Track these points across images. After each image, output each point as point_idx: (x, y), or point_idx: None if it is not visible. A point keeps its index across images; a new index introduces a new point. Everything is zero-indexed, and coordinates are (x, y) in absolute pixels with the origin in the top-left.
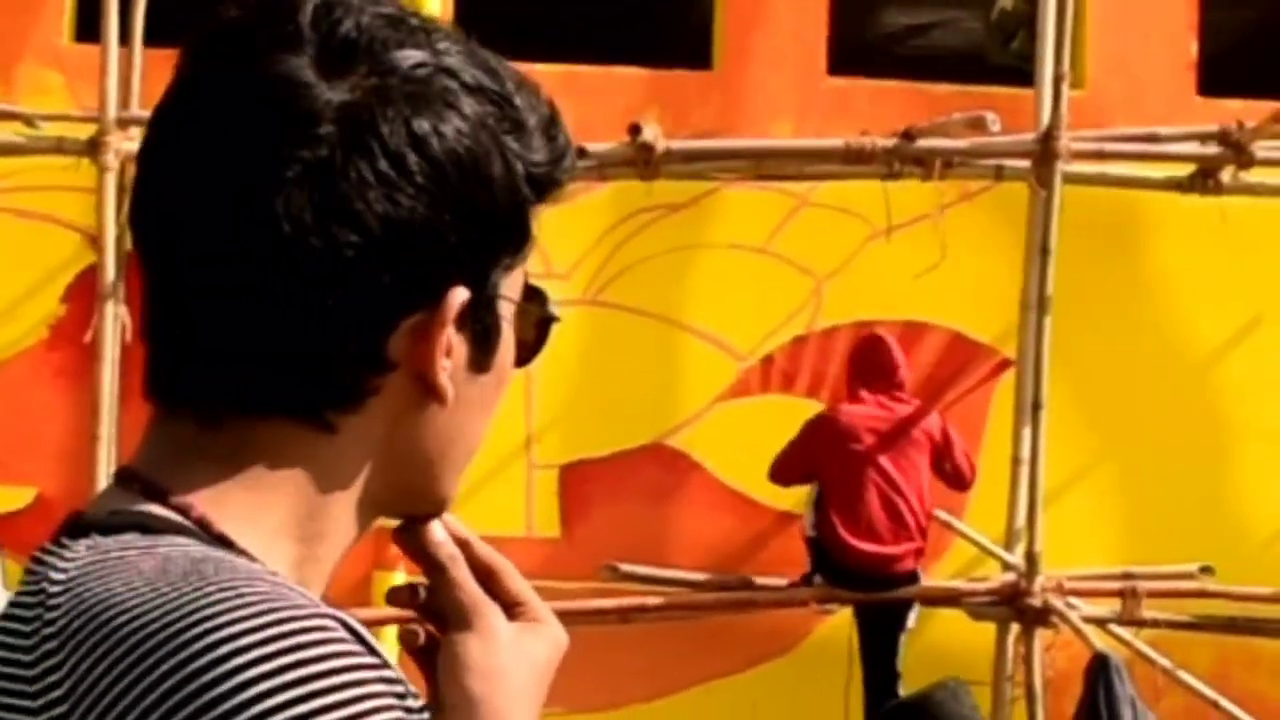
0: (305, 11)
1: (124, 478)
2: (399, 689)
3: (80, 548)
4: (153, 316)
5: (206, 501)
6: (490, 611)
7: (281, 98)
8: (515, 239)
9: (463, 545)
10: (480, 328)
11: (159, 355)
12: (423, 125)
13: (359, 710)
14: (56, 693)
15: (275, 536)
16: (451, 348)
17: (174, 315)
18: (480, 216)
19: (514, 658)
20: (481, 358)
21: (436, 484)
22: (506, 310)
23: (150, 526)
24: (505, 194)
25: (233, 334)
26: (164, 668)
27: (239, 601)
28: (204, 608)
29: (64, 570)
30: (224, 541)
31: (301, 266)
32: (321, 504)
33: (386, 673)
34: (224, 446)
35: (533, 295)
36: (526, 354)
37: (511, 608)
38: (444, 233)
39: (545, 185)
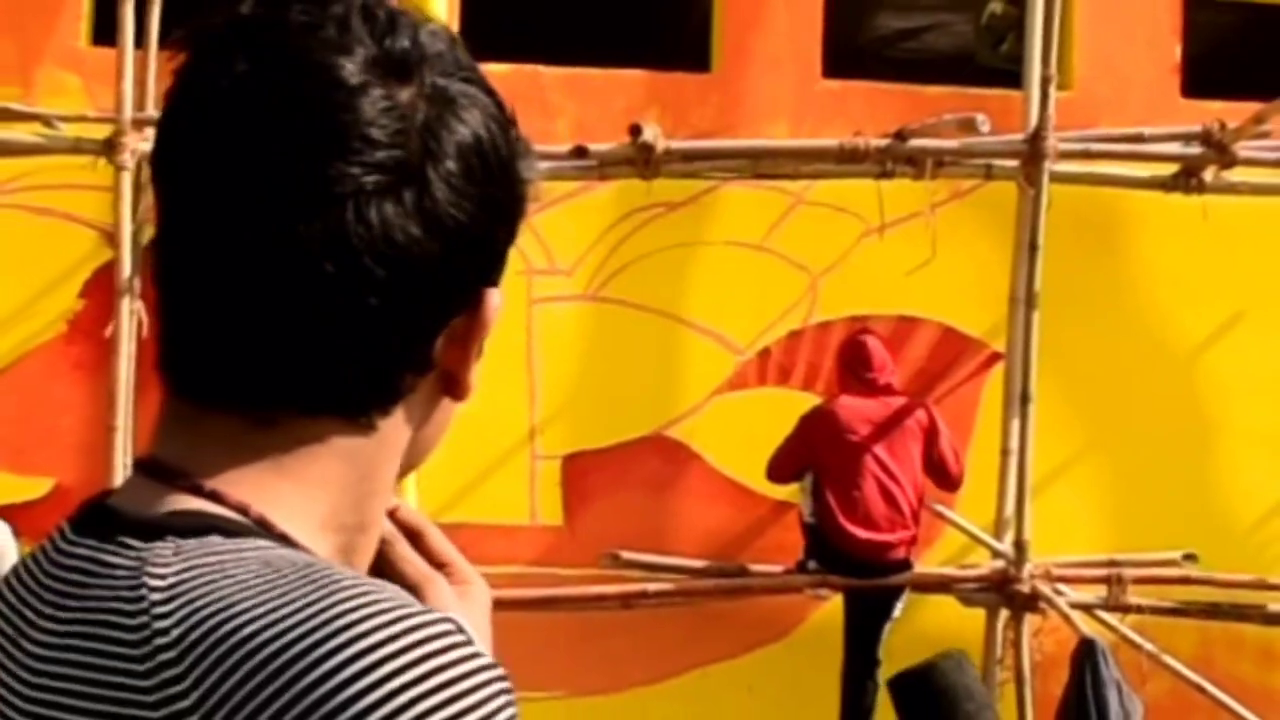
0: (355, 16)
1: (159, 473)
2: (508, 684)
3: (165, 551)
4: (193, 316)
5: (258, 499)
6: (439, 582)
7: (351, 104)
8: (514, 236)
9: (389, 513)
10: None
11: (198, 354)
12: (479, 131)
13: (492, 710)
14: (182, 704)
15: (319, 531)
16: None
17: (226, 317)
18: (510, 217)
19: None
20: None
21: (417, 468)
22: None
23: (227, 529)
24: (522, 194)
25: (297, 337)
26: (310, 678)
27: (374, 609)
28: (338, 616)
29: (162, 576)
30: (287, 540)
31: (375, 273)
32: (364, 497)
33: (499, 670)
34: (276, 445)
35: None
36: None
37: (439, 569)
38: (496, 236)
39: (529, 181)
